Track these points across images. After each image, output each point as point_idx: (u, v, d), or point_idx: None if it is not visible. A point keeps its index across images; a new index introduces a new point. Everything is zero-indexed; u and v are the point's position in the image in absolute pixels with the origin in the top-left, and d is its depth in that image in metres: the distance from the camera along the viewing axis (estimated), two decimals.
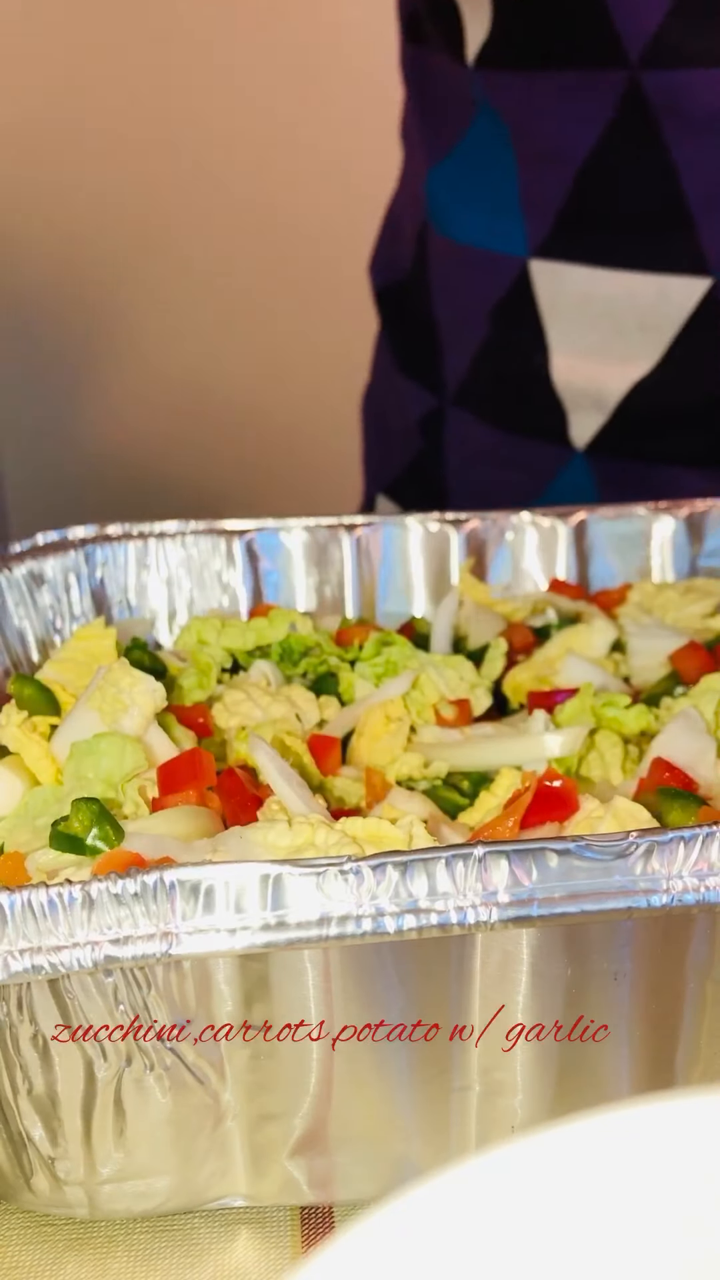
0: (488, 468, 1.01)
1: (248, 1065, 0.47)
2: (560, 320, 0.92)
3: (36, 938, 0.43)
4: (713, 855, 0.45)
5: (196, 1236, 0.51)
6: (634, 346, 0.89)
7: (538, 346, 0.94)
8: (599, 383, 0.92)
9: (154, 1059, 0.46)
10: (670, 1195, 0.33)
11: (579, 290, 0.90)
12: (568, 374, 0.93)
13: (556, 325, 0.92)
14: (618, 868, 0.44)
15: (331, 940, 0.43)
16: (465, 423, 1.02)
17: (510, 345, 0.96)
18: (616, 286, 0.88)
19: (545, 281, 0.91)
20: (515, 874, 0.44)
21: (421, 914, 0.43)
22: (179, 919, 0.43)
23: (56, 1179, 0.49)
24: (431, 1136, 0.50)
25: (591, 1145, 0.33)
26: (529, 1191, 0.32)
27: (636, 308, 0.88)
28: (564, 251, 0.90)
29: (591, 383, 0.92)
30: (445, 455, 1.04)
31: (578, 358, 0.92)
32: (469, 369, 1.00)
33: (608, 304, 0.89)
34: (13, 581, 0.74)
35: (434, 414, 1.04)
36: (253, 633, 0.70)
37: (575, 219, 0.89)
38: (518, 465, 0.99)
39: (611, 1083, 0.49)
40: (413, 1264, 0.30)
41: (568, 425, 0.95)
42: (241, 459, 2.18)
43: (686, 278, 0.85)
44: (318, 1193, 0.51)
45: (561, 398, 0.94)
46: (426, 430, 1.06)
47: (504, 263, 0.93)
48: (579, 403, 0.94)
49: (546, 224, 0.90)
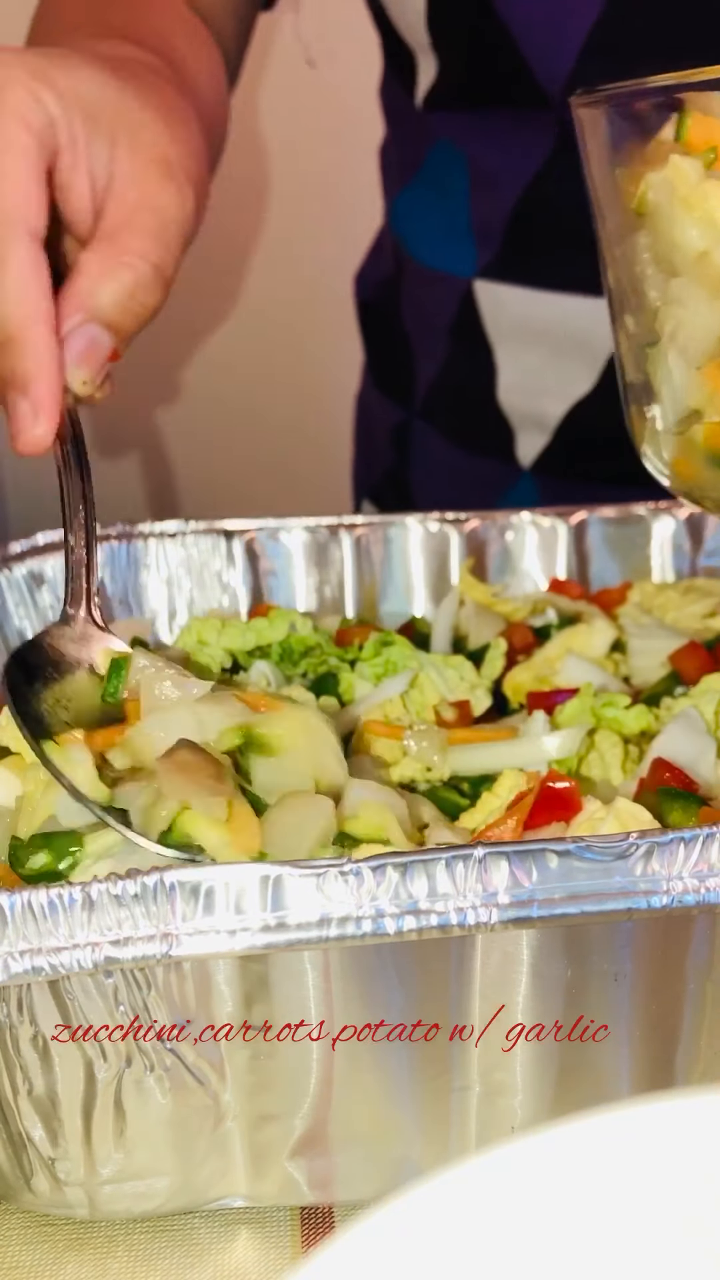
0: (447, 482, 1.03)
1: (248, 1066, 0.47)
2: (505, 341, 0.94)
3: (37, 939, 0.43)
4: (713, 856, 0.45)
5: (196, 1237, 0.51)
6: (572, 368, 0.91)
7: (486, 367, 0.96)
8: (540, 404, 0.94)
9: (154, 1060, 0.46)
10: (670, 1195, 0.33)
11: (519, 312, 0.92)
12: (512, 394, 0.95)
13: (502, 346, 0.94)
14: (618, 869, 0.44)
15: (331, 941, 0.43)
16: (429, 436, 1.04)
17: (464, 364, 0.98)
18: (554, 309, 0.90)
19: (488, 303, 0.93)
20: (515, 875, 0.44)
21: (421, 915, 0.43)
22: (179, 920, 0.43)
23: (56, 1179, 0.49)
24: (431, 1137, 0.50)
25: (591, 1145, 0.33)
26: (529, 1191, 0.32)
27: (572, 330, 0.89)
28: (505, 274, 0.91)
29: (534, 403, 0.94)
30: (412, 467, 1.06)
31: (521, 378, 0.94)
32: (432, 384, 1.02)
33: (546, 325, 0.91)
34: (13, 581, 0.74)
35: (402, 426, 1.06)
36: (253, 633, 0.70)
37: (518, 243, 0.90)
38: (473, 481, 1.00)
39: (611, 1083, 0.49)
40: (413, 1264, 0.30)
41: (515, 444, 0.96)
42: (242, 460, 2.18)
43: None
44: (318, 1193, 0.51)
45: (508, 417, 0.96)
46: (396, 442, 1.07)
47: (452, 283, 0.95)
48: (524, 423, 0.96)
49: (493, 247, 0.92)
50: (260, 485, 2.15)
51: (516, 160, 0.87)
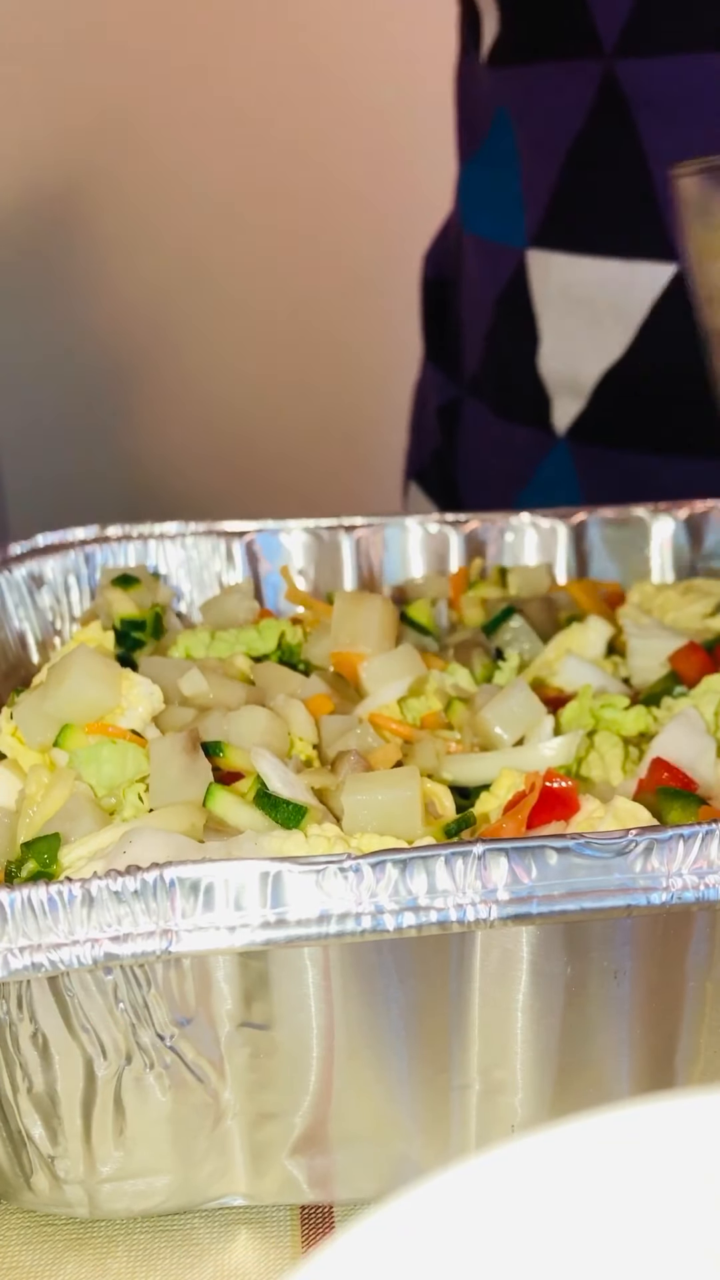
0: (488, 454, 1.04)
1: (247, 1064, 0.47)
2: (548, 309, 0.94)
3: (36, 935, 0.43)
4: (712, 853, 0.45)
5: (196, 1236, 0.51)
6: (606, 333, 0.92)
7: (530, 336, 0.97)
8: (576, 369, 0.94)
9: (154, 1058, 0.46)
10: (670, 1195, 0.33)
11: (563, 278, 0.93)
12: (551, 361, 0.96)
13: (545, 314, 0.95)
14: (617, 865, 0.44)
15: (331, 938, 0.43)
16: (477, 412, 1.05)
17: (508, 335, 0.99)
18: (593, 274, 0.91)
19: (538, 271, 0.94)
20: (515, 872, 0.44)
21: (421, 911, 0.43)
22: (179, 916, 0.43)
23: (56, 1178, 0.49)
24: (431, 1135, 0.50)
25: (591, 1145, 0.33)
26: (529, 1191, 0.32)
27: (609, 294, 0.90)
28: (552, 240, 0.93)
29: (570, 369, 0.95)
30: (457, 443, 1.07)
31: (559, 345, 0.95)
32: (480, 359, 1.03)
33: (586, 291, 0.92)
34: (13, 583, 0.74)
35: (452, 403, 1.08)
36: (242, 645, 0.70)
37: (562, 208, 0.91)
38: (513, 452, 1.02)
39: (611, 1081, 0.49)
40: (413, 1264, 0.30)
41: (551, 412, 0.97)
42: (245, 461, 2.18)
43: (654, 264, 0.87)
44: (317, 1192, 0.51)
45: (546, 384, 0.97)
46: (443, 419, 1.09)
47: (506, 253, 0.96)
48: (560, 389, 0.96)
49: (540, 214, 0.93)
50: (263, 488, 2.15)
51: (560, 119, 0.89)
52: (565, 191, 0.90)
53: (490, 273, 0.99)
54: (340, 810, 0.54)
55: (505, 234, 0.96)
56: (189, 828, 0.53)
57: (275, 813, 0.53)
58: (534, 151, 0.92)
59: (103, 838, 0.53)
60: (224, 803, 0.54)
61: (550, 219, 0.92)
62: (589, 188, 0.89)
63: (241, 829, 0.53)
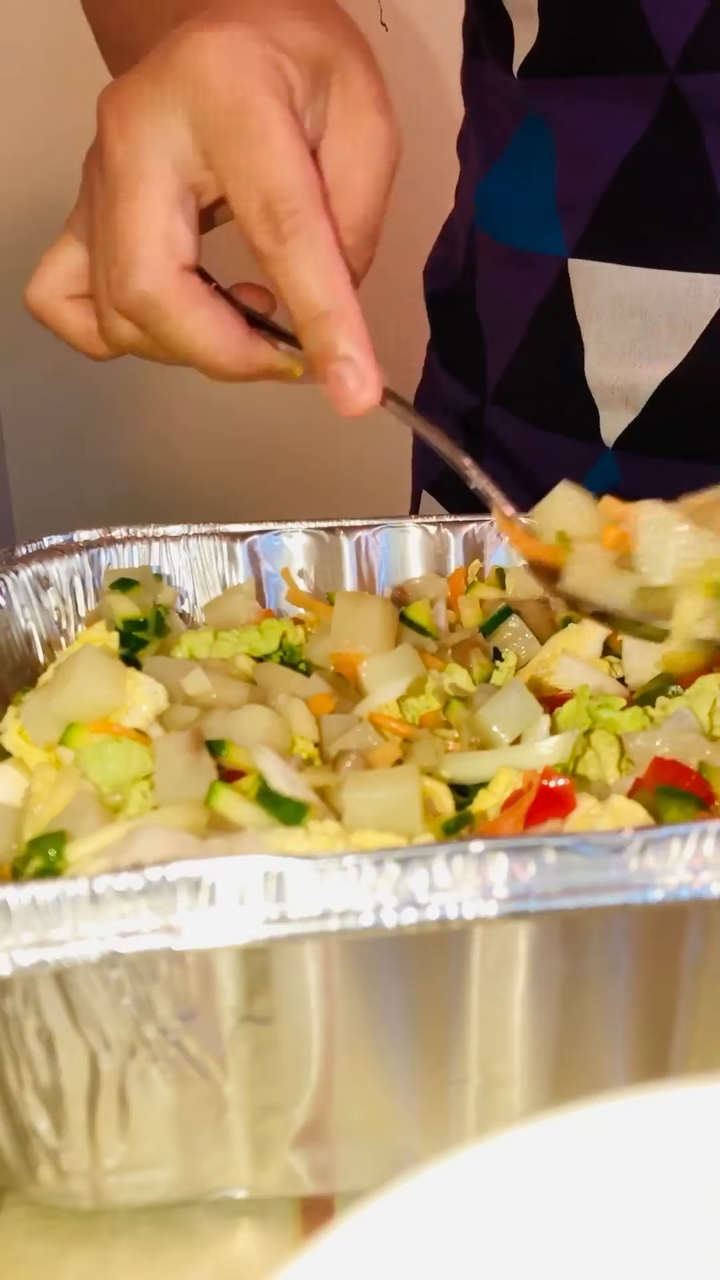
0: (519, 465, 1.03)
1: (250, 1058, 0.48)
2: (594, 319, 0.93)
3: (42, 932, 0.43)
4: (707, 851, 0.45)
5: (199, 1227, 0.52)
6: (663, 343, 0.91)
7: (573, 345, 0.95)
8: (629, 380, 0.93)
9: (157, 1052, 0.47)
10: (665, 1185, 0.33)
11: (612, 288, 0.91)
12: (600, 372, 0.94)
13: (591, 324, 0.93)
14: (614, 863, 0.45)
15: (333, 934, 0.44)
16: (503, 421, 1.04)
17: (547, 345, 0.97)
18: (647, 284, 0.89)
19: (581, 281, 0.93)
20: (513, 869, 0.44)
21: (421, 908, 0.44)
22: (183, 913, 0.44)
23: (61, 1170, 0.50)
24: (430, 1128, 0.50)
25: (588, 1135, 0.34)
26: (526, 1181, 0.33)
27: (665, 304, 0.89)
28: (598, 251, 0.91)
29: (622, 380, 0.93)
30: (484, 453, 1.06)
31: (610, 355, 0.94)
32: (508, 368, 1.02)
33: (638, 301, 0.90)
34: (19, 584, 0.75)
35: (474, 411, 1.06)
36: (244, 645, 0.71)
37: (610, 219, 0.90)
38: (552, 463, 0.99)
39: (608, 1075, 0.50)
40: (412, 1252, 0.31)
41: (599, 423, 0.96)
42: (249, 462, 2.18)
43: (715, 275, 0.86)
44: (319, 1184, 0.52)
45: (594, 395, 0.95)
46: (466, 427, 1.07)
47: (543, 263, 0.94)
48: (610, 400, 0.95)
49: (582, 224, 0.91)
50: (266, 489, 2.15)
51: (611, 131, 0.87)
52: (615, 201, 0.89)
53: (524, 283, 0.97)
54: (341, 808, 0.55)
55: (541, 244, 0.94)
56: (192, 825, 0.54)
57: (277, 810, 0.54)
58: (577, 161, 0.90)
59: (107, 835, 0.54)
60: (226, 800, 0.54)
61: (596, 228, 0.91)
62: (644, 198, 0.88)
63: (244, 826, 0.53)
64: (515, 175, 0.97)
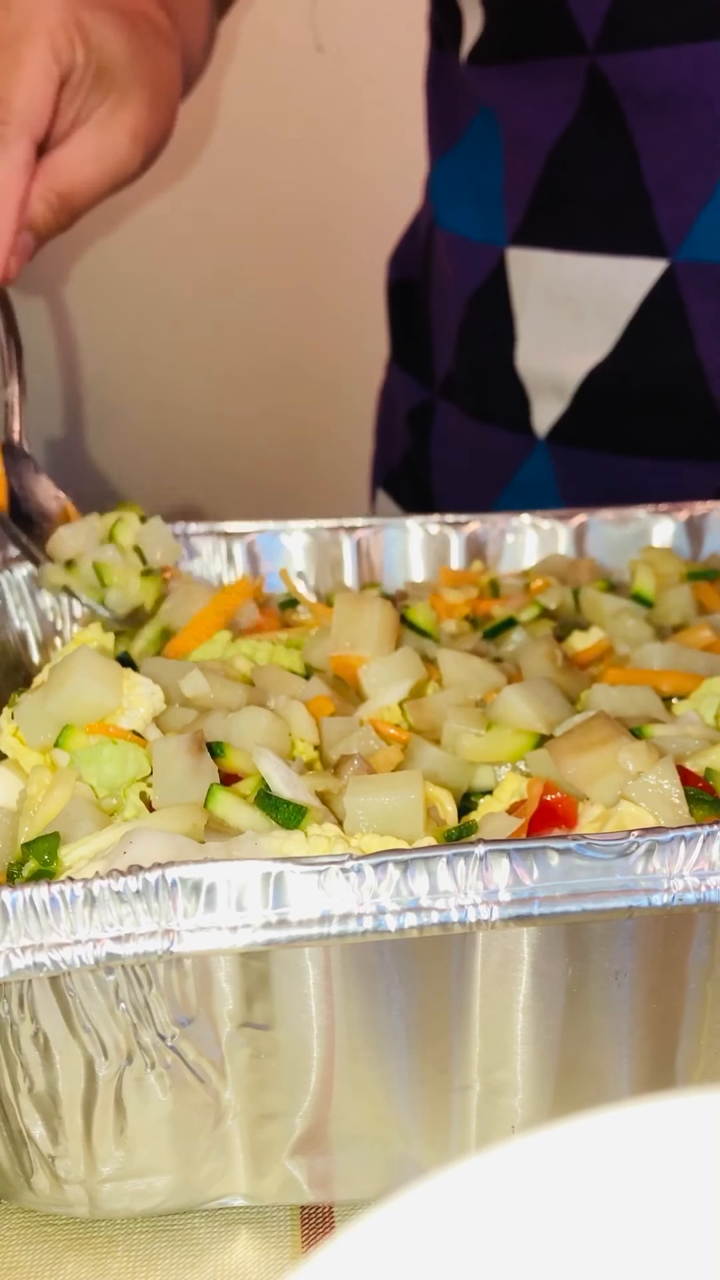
0: (465, 459, 1.03)
1: (248, 1064, 0.47)
2: (528, 307, 0.93)
3: (38, 935, 0.43)
4: (713, 855, 0.45)
5: (196, 1236, 0.51)
6: (591, 331, 0.90)
7: (507, 335, 0.95)
8: (558, 369, 0.93)
9: (155, 1057, 0.46)
10: (670, 1195, 0.33)
11: (545, 275, 0.91)
12: (530, 361, 0.94)
13: (525, 312, 0.94)
14: (619, 866, 0.44)
15: (333, 938, 0.43)
16: (449, 415, 1.03)
17: (484, 334, 0.97)
18: (577, 270, 0.89)
19: (518, 269, 0.93)
20: (516, 873, 0.44)
21: (423, 912, 0.43)
22: (180, 916, 0.43)
23: (57, 1177, 0.49)
24: (432, 1136, 0.50)
25: (591, 1145, 0.33)
26: (529, 1191, 0.32)
27: (594, 291, 0.89)
28: (534, 237, 0.91)
29: (551, 369, 0.94)
30: (430, 447, 1.06)
31: (540, 344, 0.94)
32: (452, 360, 1.02)
33: (568, 288, 0.90)
34: (13, 583, 0.74)
35: (423, 406, 1.06)
36: (245, 646, 0.70)
37: (545, 205, 0.90)
38: (490, 455, 1.00)
39: (612, 1082, 0.49)
40: (413, 1263, 0.30)
41: (530, 413, 0.96)
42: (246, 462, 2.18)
43: (643, 259, 0.86)
44: (318, 1192, 0.51)
45: (525, 385, 0.95)
46: (414, 423, 1.07)
47: (484, 251, 0.95)
48: (540, 389, 0.95)
49: (520, 211, 0.91)
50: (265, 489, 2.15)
51: (544, 116, 0.88)
52: (549, 187, 0.89)
53: (466, 271, 0.97)
54: (342, 813, 0.54)
55: (484, 232, 0.95)
56: (190, 828, 0.53)
57: (276, 813, 0.53)
58: (518, 149, 0.91)
59: (104, 838, 0.53)
60: (225, 803, 0.54)
61: (532, 215, 0.91)
62: (575, 183, 0.88)
63: (242, 829, 0.53)
64: (465, 164, 0.97)
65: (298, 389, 2.16)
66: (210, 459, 2.22)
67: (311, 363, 2.14)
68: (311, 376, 2.13)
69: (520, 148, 0.90)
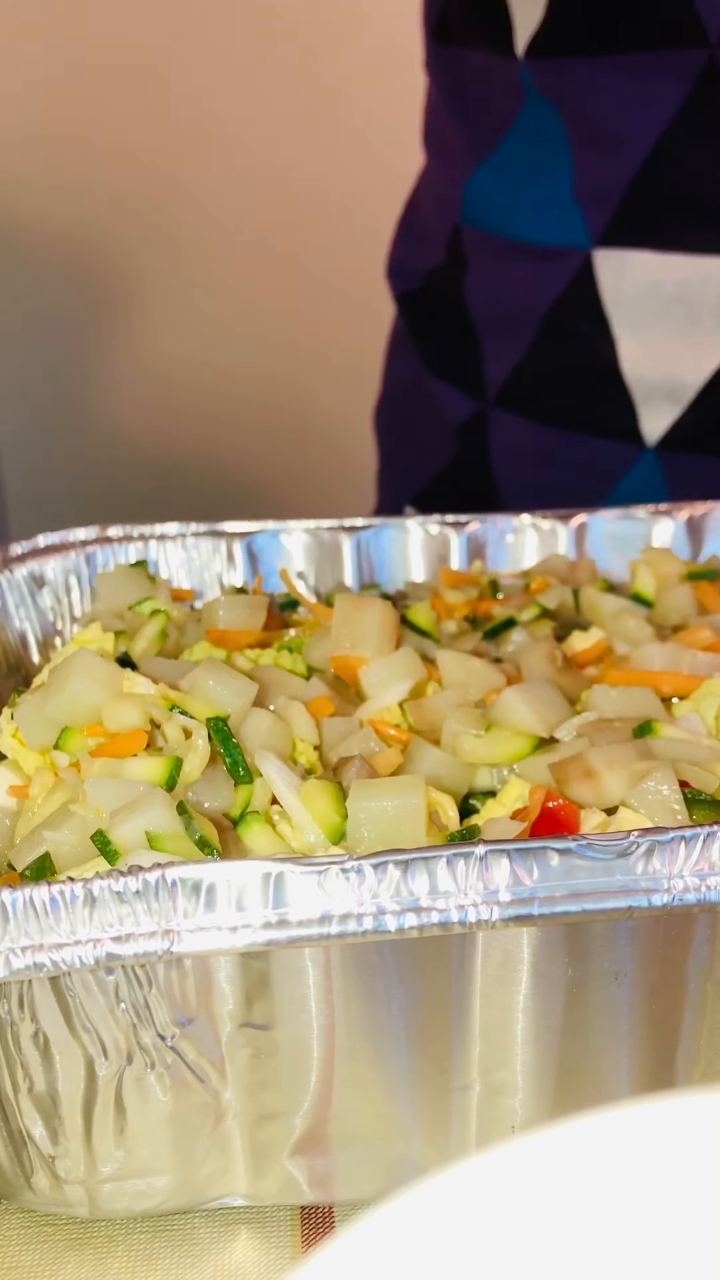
0: (539, 471, 0.99)
1: (248, 1064, 0.47)
2: (626, 310, 0.90)
3: (38, 935, 0.43)
4: (713, 855, 0.45)
5: (196, 1236, 0.51)
6: (711, 334, 0.87)
7: (602, 339, 0.92)
8: (674, 374, 0.90)
9: (155, 1057, 0.46)
10: (670, 1195, 0.33)
11: (647, 277, 0.88)
12: (638, 366, 0.91)
13: (622, 315, 0.90)
14: (619, 867, 0.44)
15: (333, 939, 0.43)
16: (510, 425, 1.00)
17: (569, 340, 0.93)
18: (689, 271, 0.86)
19: (609, 271, 0.89)
20: (516, 873, 0.44)
21: (423, 912, 0.43)
22: (180, 917, 0.43)
23: (57, 1178, 0.49)
24: (432, 1136, 0.50)
25: (591, 1145, 0.33)
26: (529, 1191, 0.32)
27: (712, 293, 0.86)
28: (627, 238, 0.88)
29: (665, 374, 0.90)
30: (491, 461, 1.02)
31: (648, 348, 0.90)
32: (516, 368, 0.98)
33: (679, 290, 0.87)
34: (13, 583, 0.74)
35: (475, 418, 1.02)
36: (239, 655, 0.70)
37: (641, 204, 0.87)
38: (576, 466, 0.96)
39: (612, 1082, 0.49)
40: (413, 1263, 0.30)
41: (638, 420, 0.93)
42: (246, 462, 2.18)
43: None
44: (318, 1192, 0.51)
45: (631, 391, 0.92)
46: (468, 435, 1.03)
47: (561, 255, 0.91)
48: (650, 396, 0.92)
49: (608, 211, 0.88)
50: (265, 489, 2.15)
51: (639, 113, 0.84)
52: (648, 186, 0.85)
53: (538, 277, 0.93)
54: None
55: (559, 235, 0.91)
56: None
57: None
58: (598, 146, 0.87)
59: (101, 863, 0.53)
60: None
61: (624, 216, 0.87)
62: (681, 181, 0.84)
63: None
64: (518, 166, 0.93)
65: (298, 389, 2.16)
66: (210, 459, 2.22)
67: (312, 362, 2.14)
68: (311, 376, 2.13)
69: (602, 144, 0.87)
